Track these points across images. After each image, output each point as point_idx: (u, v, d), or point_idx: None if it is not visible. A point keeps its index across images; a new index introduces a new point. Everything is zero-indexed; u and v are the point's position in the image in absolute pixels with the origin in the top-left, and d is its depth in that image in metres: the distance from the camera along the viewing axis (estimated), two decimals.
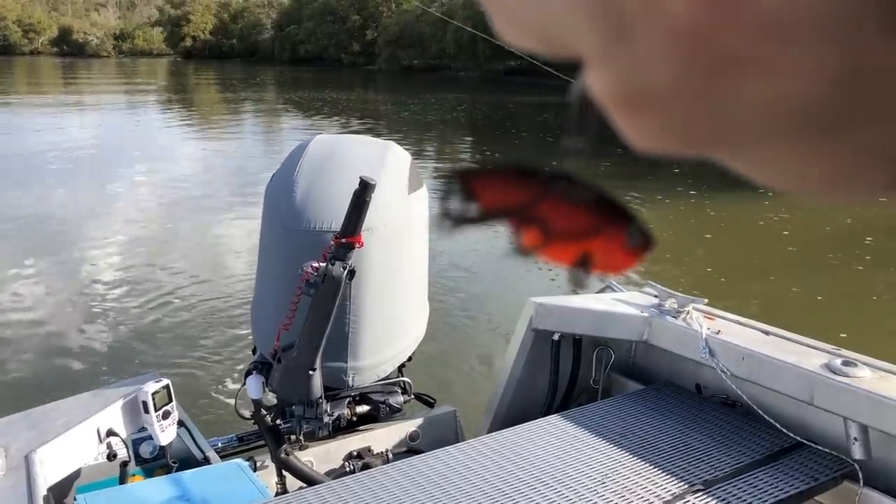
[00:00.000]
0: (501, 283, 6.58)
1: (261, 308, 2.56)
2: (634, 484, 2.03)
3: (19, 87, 38.79)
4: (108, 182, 11.99)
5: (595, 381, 2.87)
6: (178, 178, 12.03)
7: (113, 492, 2.10)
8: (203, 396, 4.41)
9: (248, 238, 7.61)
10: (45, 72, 52.35)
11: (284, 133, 19.89)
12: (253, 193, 9.39)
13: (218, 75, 49.37)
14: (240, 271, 6.72)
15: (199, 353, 5.13)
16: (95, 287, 6.63)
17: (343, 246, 2.18)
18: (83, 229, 8.75)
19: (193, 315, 5.84)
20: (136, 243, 8.03)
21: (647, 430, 2.31)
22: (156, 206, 10.01)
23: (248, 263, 6.49)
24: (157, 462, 2.41)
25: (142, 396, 2.25)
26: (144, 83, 42.89)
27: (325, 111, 24.49)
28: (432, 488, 2.02)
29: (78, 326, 5.72)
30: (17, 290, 6.65)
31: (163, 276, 6.91)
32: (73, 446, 2.10)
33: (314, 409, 2.35)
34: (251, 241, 7.23)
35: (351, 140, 2.69)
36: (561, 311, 2.70)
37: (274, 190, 2.48)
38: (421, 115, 23.69)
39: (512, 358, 2.76)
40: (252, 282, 2.81)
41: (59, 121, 21.40)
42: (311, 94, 32.05)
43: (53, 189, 11.37)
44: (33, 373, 4.92)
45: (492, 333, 5.39)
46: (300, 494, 2.06)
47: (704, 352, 2.34)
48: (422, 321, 2.69)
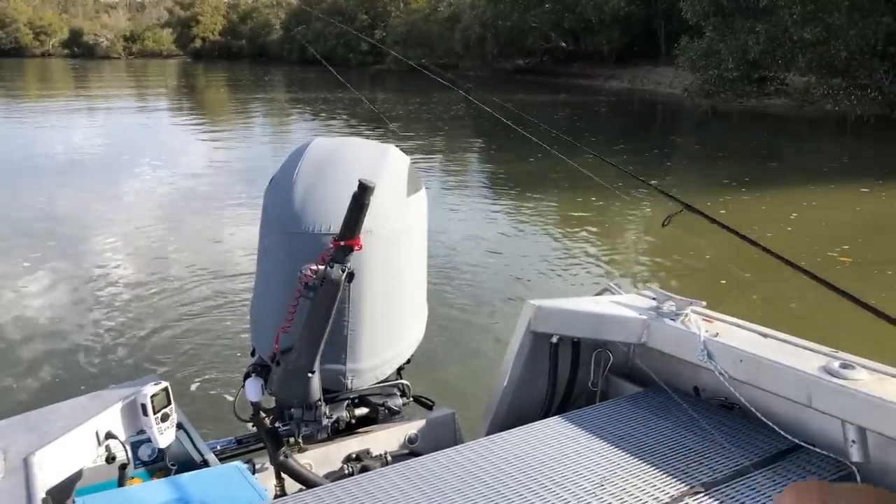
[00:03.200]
0: (500, 285, 6.57)
1: (259, 311, 2.56)
2: (633, 486, 2.03)
3: (30, 89, 38.99)
4: (112, 185, 12.07)
5: (593, 384, 2.86)
6: (181, 181, 12.08)
7: (112, 494, 2.10)
8: (202, 399, 4.42)
9: (247, 241, 7.62)
10: (56, 74, 52.58)
11: (293, 134, 19.92)
12: (257, 195, 9.37)
13: (227, 76, 49.47)
14: (239, 274, 6.73)
15: (197, 356, 5.15)
16: (95, 290, 6.66)
17: (342, 248, 2.18)
18: (84, 232, 8.80)
19: (192, 318, 5.86)
20: (136, 246, 8.07)
21: (646, 432, 2.31)
22: (156, 208, 10.05)
23: (248, 266, 6.50)
24: (155, 465, 2.41)
25: (141, 399, 2.25)
26: (155, 84, 43.03)
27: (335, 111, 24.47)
28: (431, 491, 2.02)
29: (77, 329, 5.75)
30: (18, 291, 6.68)
31: (162, 278, 6.94)
32: (71, 449, 2.10)
33: (313, 412, 2.35)
34: (250, 243, 7.24)
35: (350, 143, 2.69)
36: (559, 313, 2.70)
37: (272, 192, 2.47)
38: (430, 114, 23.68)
39: (510, 360, 2.76)
40: (251, 284, 2.81)
41: (68, 122, 21.56)
42: (323, 95, 32.06)
43: (58, 191, 11.45)
44: (32, 375, 4.95)
45: (490, 336, 5.39)
46: (299, 497, 2.07)
47: (703, 354, 2.33)
48: (421, 323, 2.68)
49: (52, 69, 58.58)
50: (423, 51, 50.77)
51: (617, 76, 38.10)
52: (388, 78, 46.93)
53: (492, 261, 7.37)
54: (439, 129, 21.01)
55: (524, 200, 10.47)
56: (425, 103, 28.29)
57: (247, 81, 44.20)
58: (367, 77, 49.03)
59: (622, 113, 26.62)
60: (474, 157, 16.29)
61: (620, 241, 8.20)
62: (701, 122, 23.68)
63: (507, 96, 30.78)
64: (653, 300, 2.72)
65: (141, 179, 12.28)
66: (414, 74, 47.68)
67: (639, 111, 27.32)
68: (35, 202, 10.40)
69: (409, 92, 34.15)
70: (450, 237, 8.00)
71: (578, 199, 10.22)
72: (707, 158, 16.18)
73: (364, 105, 26.99)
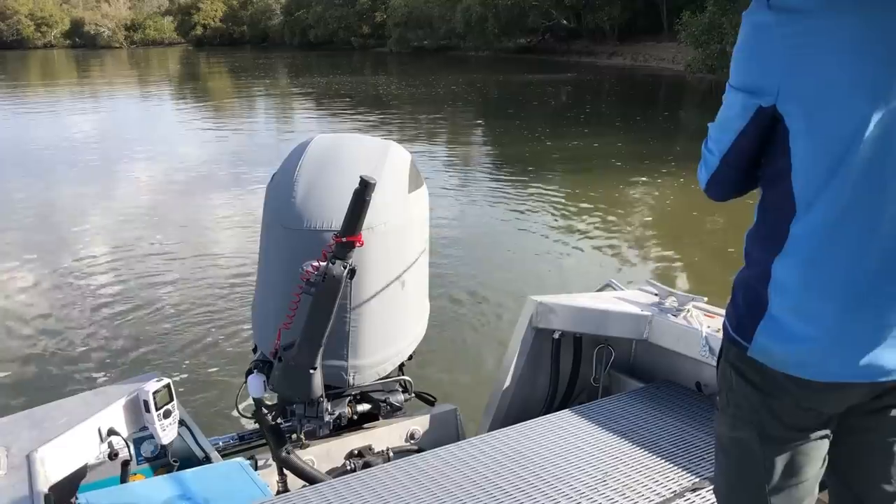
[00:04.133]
0: (502, 281, 6.55)
1: (262, 307, 2.56)
2: (635, 482, 2.03)
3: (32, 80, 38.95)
4: (114, 178, 12.02)
5: (595, 380, 2.86)
6: (184, 175, 12.00)
7: (114, 491, 2.11)
8: (204, 395, 4.41)
9: (250, 237, 7.60)
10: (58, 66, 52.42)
11: (296, 122, 19.86)
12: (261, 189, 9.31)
13: (229, 62, 49.31)
14: (241, 270, 6.72)
15: (200, 353, 5.14)
16: (97, 286, 6.65)
17: (343, 245, 2.18)
18: (85, 227, 8.76)
19: (194, 314, 5.85)
20: (138, 242, 8.04)
21: (648, 428, 2.31)
22: (159, 203, 9.99)
23: (250, 262, 6.49)
24: (158, 461, 2.42)
25: (143, 396, 2.26)
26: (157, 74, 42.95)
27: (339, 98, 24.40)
28: (433, 486, 2.03)
29: (80, 326, 5.74)
30: (19, 286, 6.69)
31: (165, 274, 6.91)
32: (74, 445, 2.11)
33: (315, 408, 2.35)
34: (254, 240, 7.15)
35: (351, 139, 2.68)
36: (561, 309, 2.70)
37: (274, 189, 2.47)
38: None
39: (513, 356, 2.76)
40: (253, 280, 2.81)
41: (69, 113, 21.49)
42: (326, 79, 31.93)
43: (59, 184, 11.42)
44: (35, 372, 4.95)
45: (492, 331, 5.37)
46: (301, 493, 2.07)
47: (705, 350, 2.33)
48: (422, 320, 2.68)
49: (53, 61, 58.39)
50: (424, 32, 50.52)
51: (619, 52, 37.68)
52: (389, 60, 46.73)
53: (493, 255, 7.32)
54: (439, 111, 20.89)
55: (524, 189, 10.38)
56: (427, 84, 28.12)
57: (249, 66, 43.96)
58: (369, 58, 48.88)
59: (624, 90, 26.38)
60: (474, 143, 16.19)
61: (623, 234, 8.13)
62: (704, 98, 23.56)
63: (508, 77, 30.70)
64: (654, 296, 2.72)
65: (144, 172, 12.19)
66: (415, 56, 47.63)
67: (642, 88, 27.10)
68: (35, 195, 10.39)
69: (411, 74, 33.98)
70: (450, 232, 7.96)
71: (578, 190, 10.16)
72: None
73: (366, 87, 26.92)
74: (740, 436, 1.36)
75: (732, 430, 1.38)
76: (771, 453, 1.33)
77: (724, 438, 1.42)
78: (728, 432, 1.39)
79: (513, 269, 6.95)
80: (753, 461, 1.35)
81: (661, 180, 10.75)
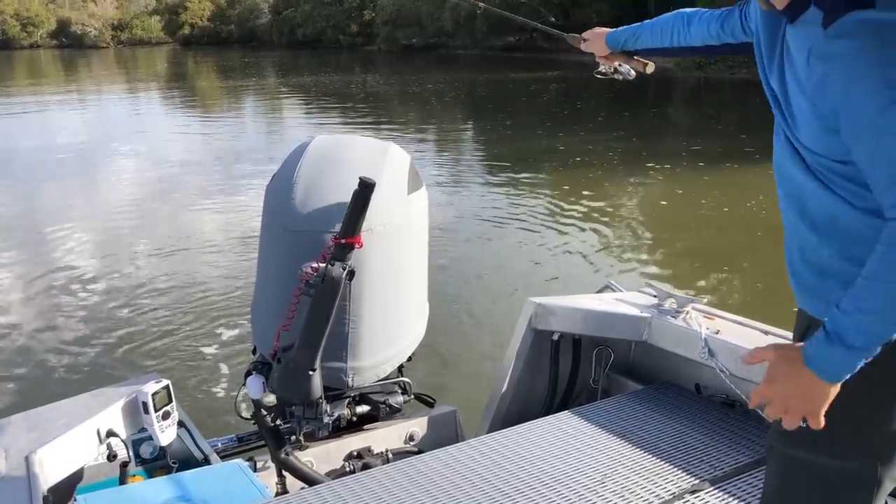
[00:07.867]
0: (501, 282, 6.54)
1: (261, 308, 2.56)
2: (634, 483, 2.04)
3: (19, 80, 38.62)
4: (109, 179, 11.94)
5: (595, 381, 2.87)
6: (179, 175, 11.94)
7: (113, 492, 2.11)
8: (203, 397, 4.40)
9: (249, 239, 7.58)
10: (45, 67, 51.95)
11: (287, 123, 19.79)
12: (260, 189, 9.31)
13: (216, 61, 49.05)
14: (240, 271, 6.70)
15: (199, 354, 5.13)
16: (96, 288, 6.61)
17: (343, 246, 2.18)
18: (80, 228, 8.70)
19: (193, 316, 5.83)
20: (136, 243, 8.00)
21: (647, 429, 2.32)
22: (156, 205, 9.94)
23: (249, 264, 6.47)
24: (157, 462, 2.42)
25: (142, 397, 2.25)
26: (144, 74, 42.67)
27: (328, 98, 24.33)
28: (432, 488, 2.03)
29: (78, 327, 5.71)
30: (17, 288, 6.65)
31: (163, 275, 6.88)
32: (73, 447, 2.10)
33: (314, 410, 2.35)
34: (251, 240, 7.20)
35: (351, 140, 2.67)
36: (560, 310, 2.70)
37: (274, 190, 2.47)
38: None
39: (512, 358, 2.76)
40: (252, 282, 2.80)
41: (55, 115, 21.31)
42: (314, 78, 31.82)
43: (50, 185, 11.34)
44: (33, 374, 4.92)
45: (491, 333, 5.36)
46: (300, 495, 2.07)
47: (704, 352, 2.33)
48: (421, 321, 2.68)
49: (40, 61, 57.86)
50: (413, 30, 50.38)
51: None
52: (378, 58, 46.57)
53: (493, 258, 7.33)
54: (430, 109, 20.85)
55: (522, 189, 10.40)
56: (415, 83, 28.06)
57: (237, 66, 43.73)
58: (357, 57, 48.70)
59: (612, 87, 26.46)
60: (466, 141, 16.18)
61: (621, 234, 8.15)
62: (693, 94, 23.61)
63: (497, 75, 30.70)
64: (654, 297, 2.73)
65: (139, 174, 12.15)
66: (404, 54, 47.50)
67: (630, 85, 27.12)
68: (29, 196, 10.34)
69: (400, 73, 33.89)
70: (448, 232, 7.95)
71: (576, 188, 10.16)
72: (707, 129, 16.06)
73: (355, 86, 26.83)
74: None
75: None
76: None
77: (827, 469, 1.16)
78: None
79: (512, 269, 6.95)
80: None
81: (653, 178, 10.81)
